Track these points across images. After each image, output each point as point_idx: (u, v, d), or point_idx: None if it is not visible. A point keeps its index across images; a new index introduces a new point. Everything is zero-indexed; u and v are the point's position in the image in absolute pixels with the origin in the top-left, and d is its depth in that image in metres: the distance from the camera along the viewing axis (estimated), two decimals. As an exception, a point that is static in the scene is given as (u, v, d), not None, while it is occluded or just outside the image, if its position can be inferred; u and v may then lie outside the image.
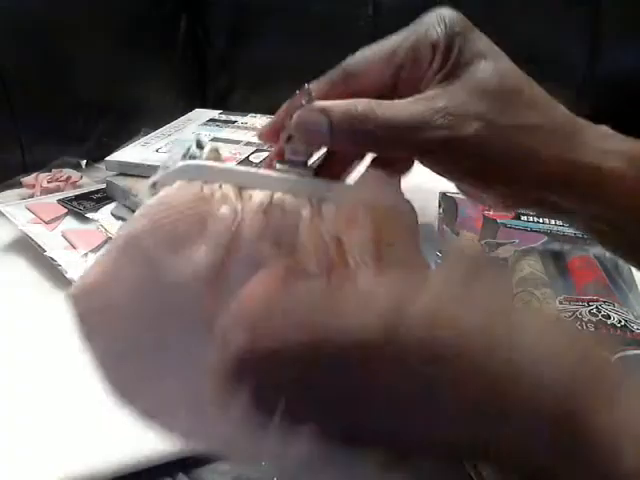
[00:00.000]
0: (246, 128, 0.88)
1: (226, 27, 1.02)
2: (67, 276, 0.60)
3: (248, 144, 0.81)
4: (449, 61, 0.29)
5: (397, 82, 0.31)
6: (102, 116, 0.89)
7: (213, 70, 1.04)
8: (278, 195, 0.29)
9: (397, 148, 0.30)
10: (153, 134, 0.85)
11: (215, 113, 0.94)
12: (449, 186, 0.33)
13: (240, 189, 0.29)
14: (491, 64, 0.30)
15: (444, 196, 0.70)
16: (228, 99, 1.04)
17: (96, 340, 0.32)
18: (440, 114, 0.28)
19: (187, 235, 0.28)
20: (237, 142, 0.82)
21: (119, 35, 0.90)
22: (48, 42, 0.82)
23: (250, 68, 1.01)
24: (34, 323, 0.57)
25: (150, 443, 0.46)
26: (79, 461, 0.45)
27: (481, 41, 0.30)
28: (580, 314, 0.53)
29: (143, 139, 0.83)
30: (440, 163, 0.31)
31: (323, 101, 0.29)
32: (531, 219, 0.67)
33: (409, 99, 0.29)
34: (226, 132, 0.87)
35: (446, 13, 0.30)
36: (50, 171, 0.80)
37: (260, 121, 0.89)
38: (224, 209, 0.28)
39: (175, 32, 0.99)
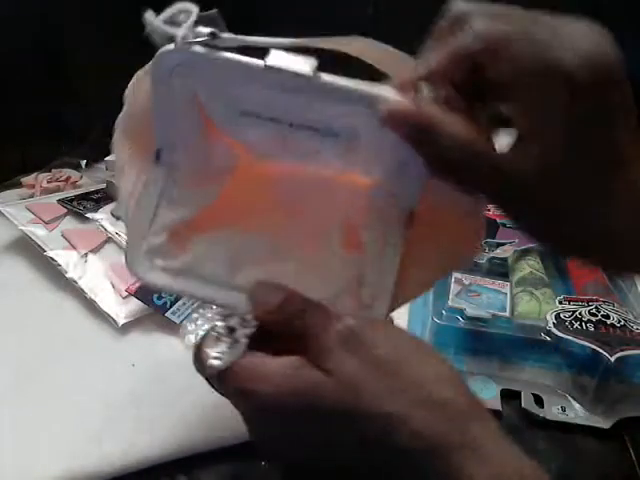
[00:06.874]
0: (246, 128, 0.87)
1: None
2: (67, 276, 0.60)
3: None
4: None
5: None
6: (102, 116, 0.89)
7: (213, 70, 1.04)
8: None
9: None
10: (153, 134, 0.85)
11: (215, 113, 0.94)
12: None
13: None
14: None
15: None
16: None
17: None
18: None
19: None
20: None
21: (120, 36, 0.90)
22: (48, 42, 0.81)
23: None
24: (34, 323, 0.57)
25: (150, 443, 0.46)
26: (79, 461, 0.45)
27: None
28: (580, 314, 0.53)
29: (143, 139, 0.83)
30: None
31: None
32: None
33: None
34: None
35: None
36: (50, 171, 0.80)
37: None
38: None
39: (175, 32, 0.99)
